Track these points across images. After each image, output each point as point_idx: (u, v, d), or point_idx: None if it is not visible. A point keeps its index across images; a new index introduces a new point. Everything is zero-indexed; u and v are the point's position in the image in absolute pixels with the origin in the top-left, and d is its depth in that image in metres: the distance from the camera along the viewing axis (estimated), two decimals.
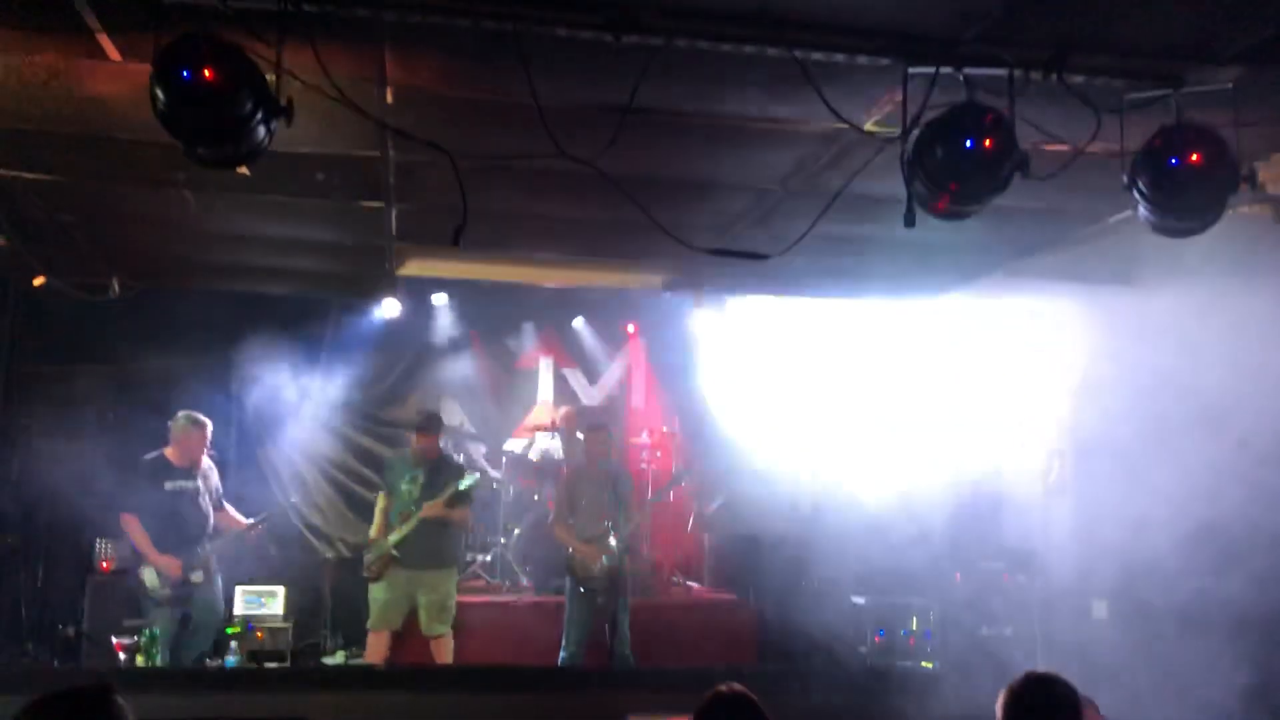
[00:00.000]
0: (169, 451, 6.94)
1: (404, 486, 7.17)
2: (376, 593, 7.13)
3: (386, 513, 7.23)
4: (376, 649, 7.13)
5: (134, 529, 6.73)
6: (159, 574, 6.70)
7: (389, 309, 8.93)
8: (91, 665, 7.26)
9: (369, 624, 7.17)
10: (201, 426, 7.02)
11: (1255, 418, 6.04)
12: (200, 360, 8.46)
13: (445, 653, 7.14)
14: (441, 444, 7.52)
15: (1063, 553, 7.93)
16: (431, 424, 7.36)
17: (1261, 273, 5.64)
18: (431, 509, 7.03)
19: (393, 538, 7.04)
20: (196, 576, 6.79)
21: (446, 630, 7.16)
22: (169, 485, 6.85)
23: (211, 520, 7.01)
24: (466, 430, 9.81)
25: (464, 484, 7.10)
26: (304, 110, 3.88)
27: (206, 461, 7.12)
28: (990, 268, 7.30)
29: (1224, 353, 6.08)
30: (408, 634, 7.24)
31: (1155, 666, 6.04)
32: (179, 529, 6.80)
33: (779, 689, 5.38)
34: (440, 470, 7.25)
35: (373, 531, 7.31)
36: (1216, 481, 6.09)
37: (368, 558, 7.16)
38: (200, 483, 6.99)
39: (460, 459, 8.98)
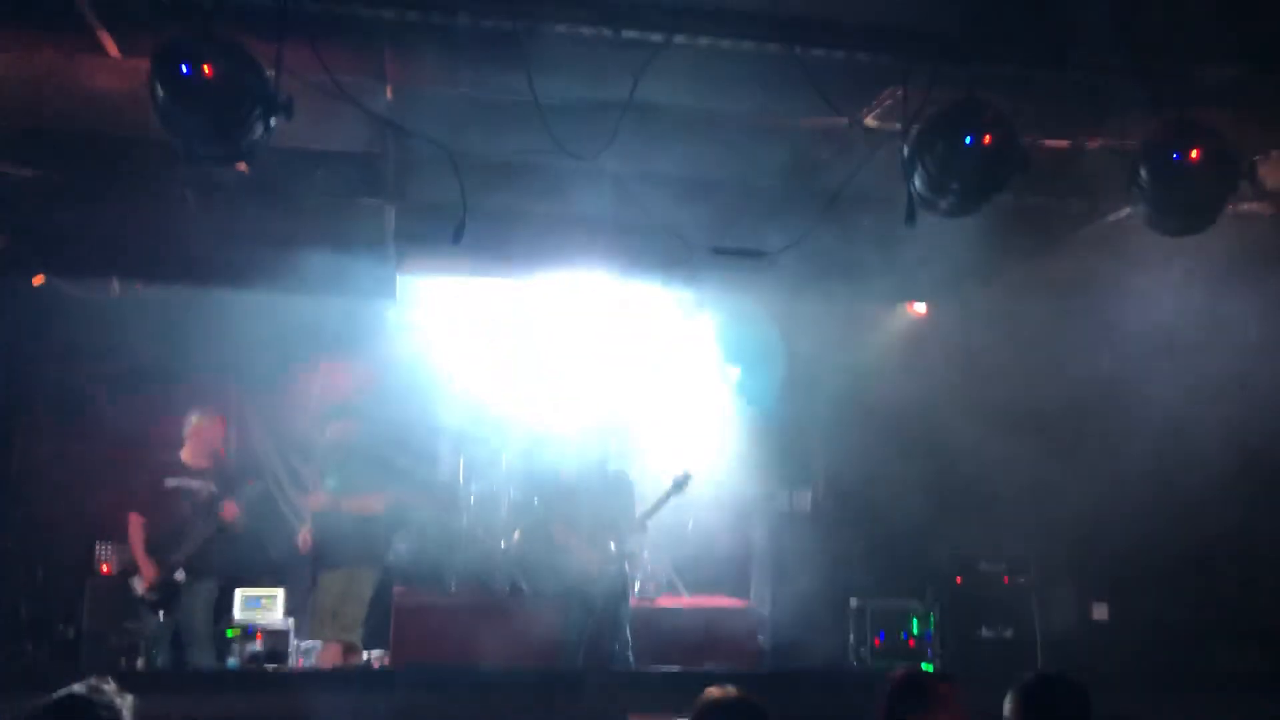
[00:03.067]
0: (183, 451, 6.93)
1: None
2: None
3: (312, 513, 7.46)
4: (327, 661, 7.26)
5: (134, 529, 6.73)
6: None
7: (389, 308, 8.90)
8: (91, 666, 7.24)
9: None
10: (213, 421, 6.99)
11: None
12: (200, 360, 8.44)
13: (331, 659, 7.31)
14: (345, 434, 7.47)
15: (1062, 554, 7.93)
16: (334, 413, 7.63)
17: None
18: (321, 502, 7.26)
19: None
20: (179, 575, 6.74)
21: (334, 637, 7.27)
22: (170, 483, 6.83)
23: (213, 523, 6.93)
24: (469, 433, 9.78)
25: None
26: (304, 107, 3.88)
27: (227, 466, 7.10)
28: (989, 265, 7.28)
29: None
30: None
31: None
32: (169, 528, 6.76)
33: (779, 691, 5.37)
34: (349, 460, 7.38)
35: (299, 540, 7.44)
36: None
37: None
38: (209, 484, 6.89)
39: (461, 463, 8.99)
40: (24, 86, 4.59)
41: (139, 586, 6.68)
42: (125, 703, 2.61)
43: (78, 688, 2.60)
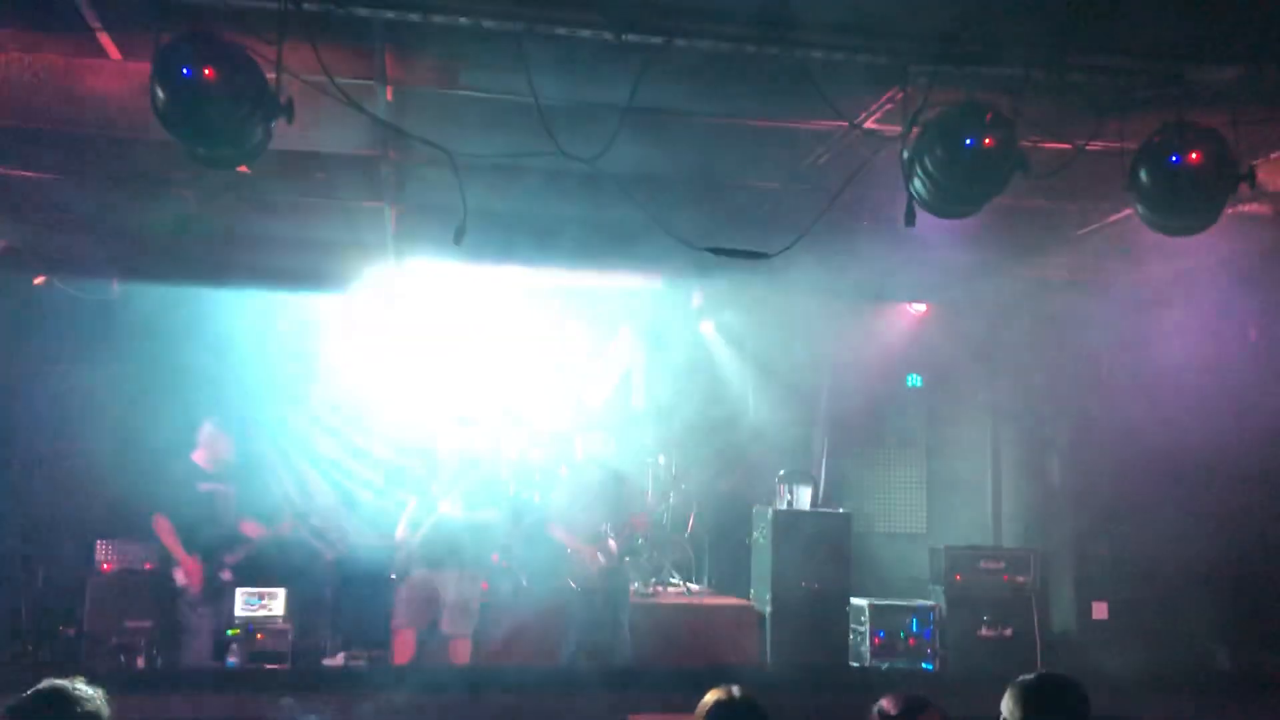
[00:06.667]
0: (197, 456, 6.97)
1: (433, 488, 7.21)
2: (401, 591, 7.17)
3: (410, 515, 7.29)
4: (402, 647, 7.15)
5: (164, 531, 6.74)
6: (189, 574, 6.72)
7: (389, 308, 8.90)
8: (91, 666, 7.25)
9: (394, 624, 7.18)
10: (224, 434, 7.05)
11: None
12: (200, 359, 8.44)
13: (463, 656, 7.13)
14: (461, 446, 7.50)
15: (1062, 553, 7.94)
16: (450, 428, 7.44)
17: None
18: (446, 506, 7.04)
19: (418, 536, 7.09)
20: (226, 575, 6.82)
21: (466, 633, 7.16)
22: (204, 487, 6.88)
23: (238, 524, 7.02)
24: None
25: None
26: (304, 109, 3.88)
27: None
28: (989, 265, 7.29)
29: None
30: (430, 635, 7.25)
31: None
32: (214, 530, 6.82)
33: (779, 690, 5.38)
34: (463, 472, 7.27)
35: (397, 531, 7.36)
36: None
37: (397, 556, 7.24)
38: (228, 487, 7.02)
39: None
40: (25, 88, 4.59)
41: (181, 578, 6.70)
42: (100, 695, 2.71)
43: (56, 682, 2.70)
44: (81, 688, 2.68)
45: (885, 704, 3.21)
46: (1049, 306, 7.84)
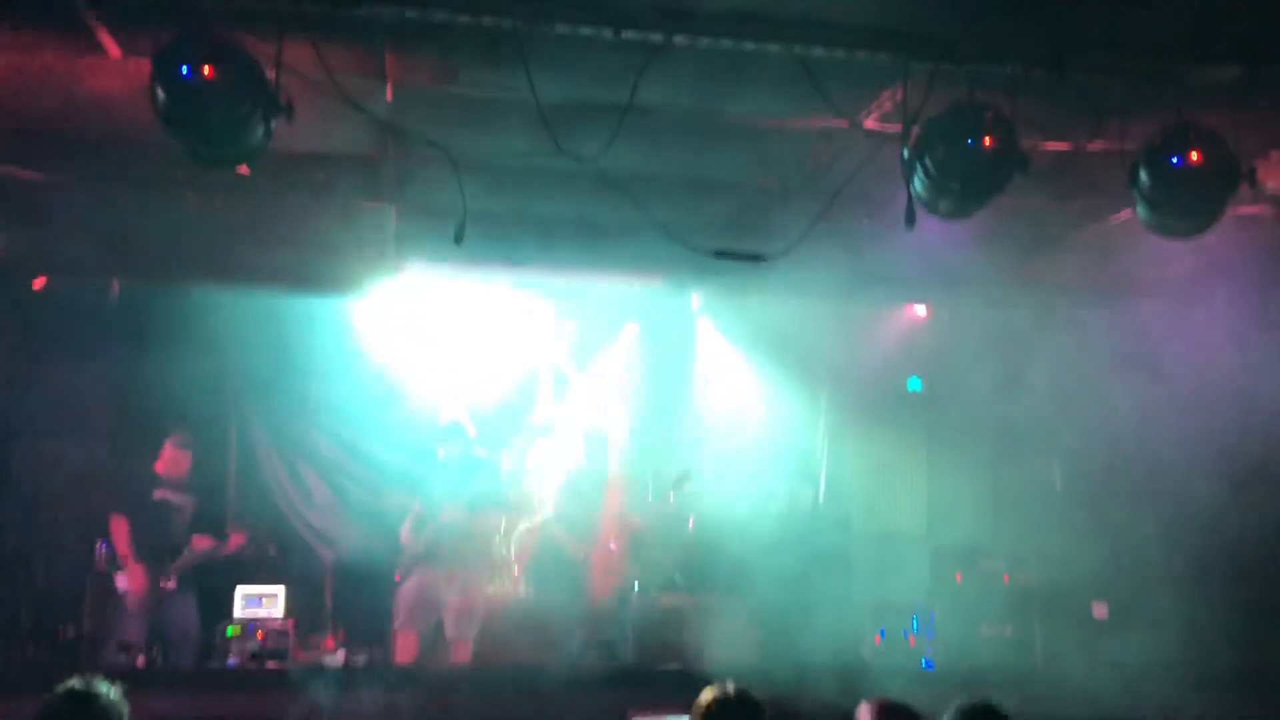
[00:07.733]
0: (158, 465, 7.09)
1: (434, 491, 7.23)
2: (404, 593, 7.18)
3: (415, 516, 7.31)
4: (404, 649, 7.16)
5: (119, 530, 6.85)
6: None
7: (388, 309, 8.89)
8: (91, 666, 7.24)
9: (396, 624, 7.20)
10: (187, 447, 7.18)
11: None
12: (200, 360, 8.43)
13: (464, 658, 7.16)
14: (460, 449, 7.52)
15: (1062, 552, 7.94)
16: (448, 432, 7.50)
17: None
18: (451, 513, 7.07)
19: (422, 537, 7.10)
20: (170, 584, 6.87)
21: (468, 635, 7.18)
22: (158, 494, 6.99)
23: (190, 536, 7.08)
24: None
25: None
26: (304, 109, 3.88)
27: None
28: (989, 267, 7.28)
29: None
30: (432, 637, 7.27)
31: None
32: (160, 537, 6.91)
33: (779, 689, 5.37)
34: (466, 475, 7.27)
35: (401, 533, 7.39)
36: None
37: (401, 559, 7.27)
38: (186, 498, 7.12)
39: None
40: (24, 86, 4.59)
41: (121, 583, 6.80)
42: (118, 694, 2.80)
43: (75, 683, 2.80)
44: (104, 686, 2.79)
45: (863, 710, 3.26)
46: (1049, 308, 7.84)
